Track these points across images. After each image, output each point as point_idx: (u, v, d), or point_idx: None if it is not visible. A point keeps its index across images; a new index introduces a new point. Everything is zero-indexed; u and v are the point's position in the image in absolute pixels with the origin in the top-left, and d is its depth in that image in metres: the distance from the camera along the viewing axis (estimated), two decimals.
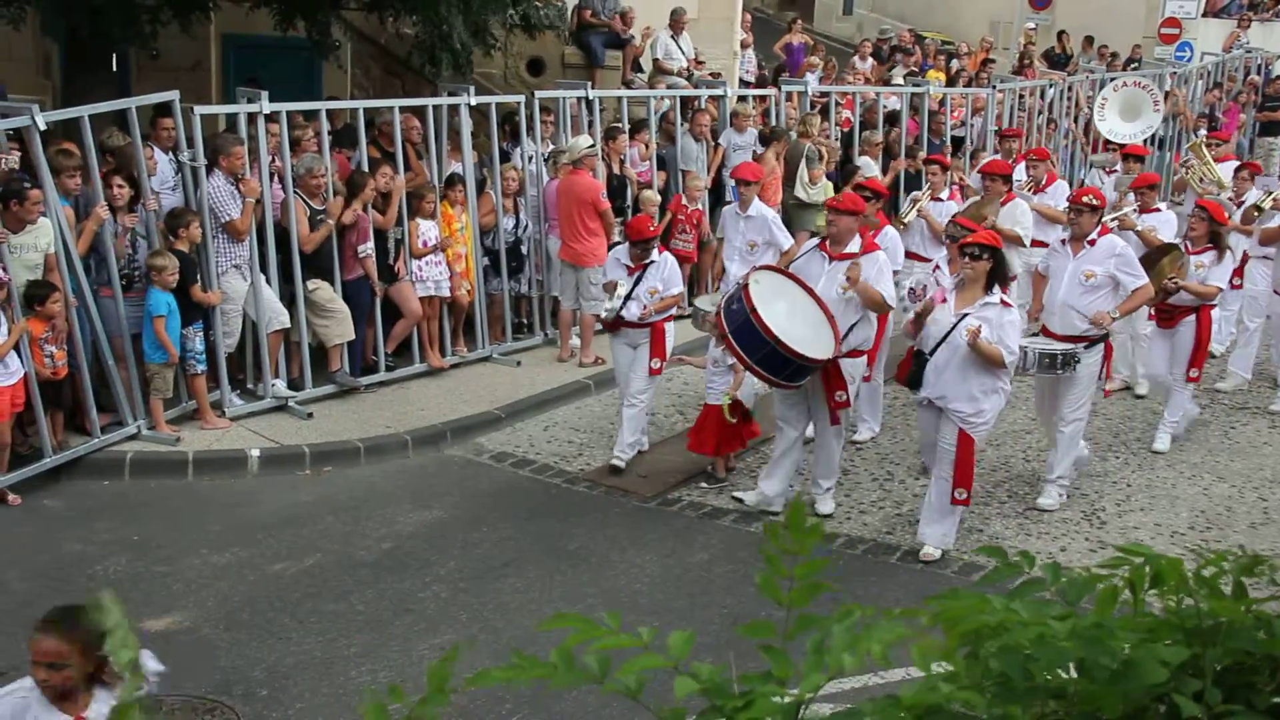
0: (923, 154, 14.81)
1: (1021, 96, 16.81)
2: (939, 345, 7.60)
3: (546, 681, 1.34)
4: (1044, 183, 12.12)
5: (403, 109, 10.96)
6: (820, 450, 8.52)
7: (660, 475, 9.18)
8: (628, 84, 15.28)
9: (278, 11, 11.99)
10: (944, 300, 7.69)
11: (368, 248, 10.21)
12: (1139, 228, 10.59)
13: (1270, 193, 12.13)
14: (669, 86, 14.90)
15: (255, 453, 9.15)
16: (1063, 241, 8.82)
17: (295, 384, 10.17)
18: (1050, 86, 17.61)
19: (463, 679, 1.43)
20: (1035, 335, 8.72)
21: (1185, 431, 10.27)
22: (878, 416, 10.21)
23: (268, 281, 9.83)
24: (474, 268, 11.29)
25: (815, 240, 8.68)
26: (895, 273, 9.13)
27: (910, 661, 1.40)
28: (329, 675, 6.38)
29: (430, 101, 11.11)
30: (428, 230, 10.72)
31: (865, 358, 8.59)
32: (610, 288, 9.20)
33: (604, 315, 9.34)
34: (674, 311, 9.49)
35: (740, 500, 8.65)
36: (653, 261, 9.15)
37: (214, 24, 14.33)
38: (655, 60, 16.15)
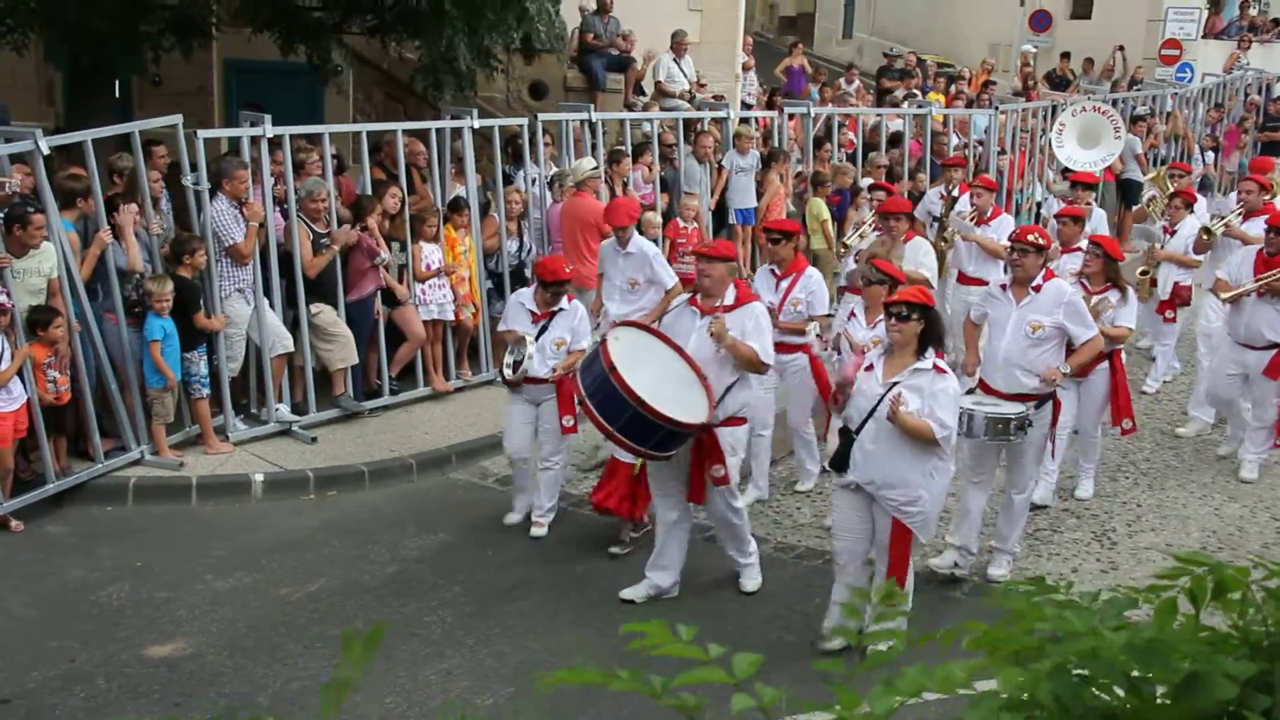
0: (923, 175, 14.86)
1: (1023, 118, 16.81)
2: (866, 419, 6.52)
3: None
4: (989, 215, 11.35)
5: (406, 132, 10.95)
6: (718, 526, 7.62)
7: None
8: (629, 107, 15.29)
9: (280, 37, 12.00)
10: (867, 367, 6.66)
11: (384, 257, 10.16)
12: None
13: (1221, 216, 11.52)
14: (669, 109, 14.91)
15: (259, 477, 9.10)
16: (1003, 287, 7.87)
17: (299, 408, 10.12)
18: (1055, 107, 17.60)
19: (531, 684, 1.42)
20: (972, 392, 7.73)
21: (1193, 450, 10.21)
22: (818, 459, 9.17)
23: (271, 305, 9.79)
24: (478, 290, 11.26)
25: (685, 295, 7.69)
26: (828, 316, 8.69)
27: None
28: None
29: (433, 125, 11.10)
30: (431, 253, 10.70)
31: (747, 426, 7.54)
32: (512, 337, 8.25)
33: (506, 374, 8.24)
34: None
35: (631, 601, 7.42)
36: (561, 309, 8.26)
37: (216, 49, 14.38)
38: (657, 83, 16.16)
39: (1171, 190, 11.96)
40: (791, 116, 14.53)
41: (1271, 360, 9.30)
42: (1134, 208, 15.53)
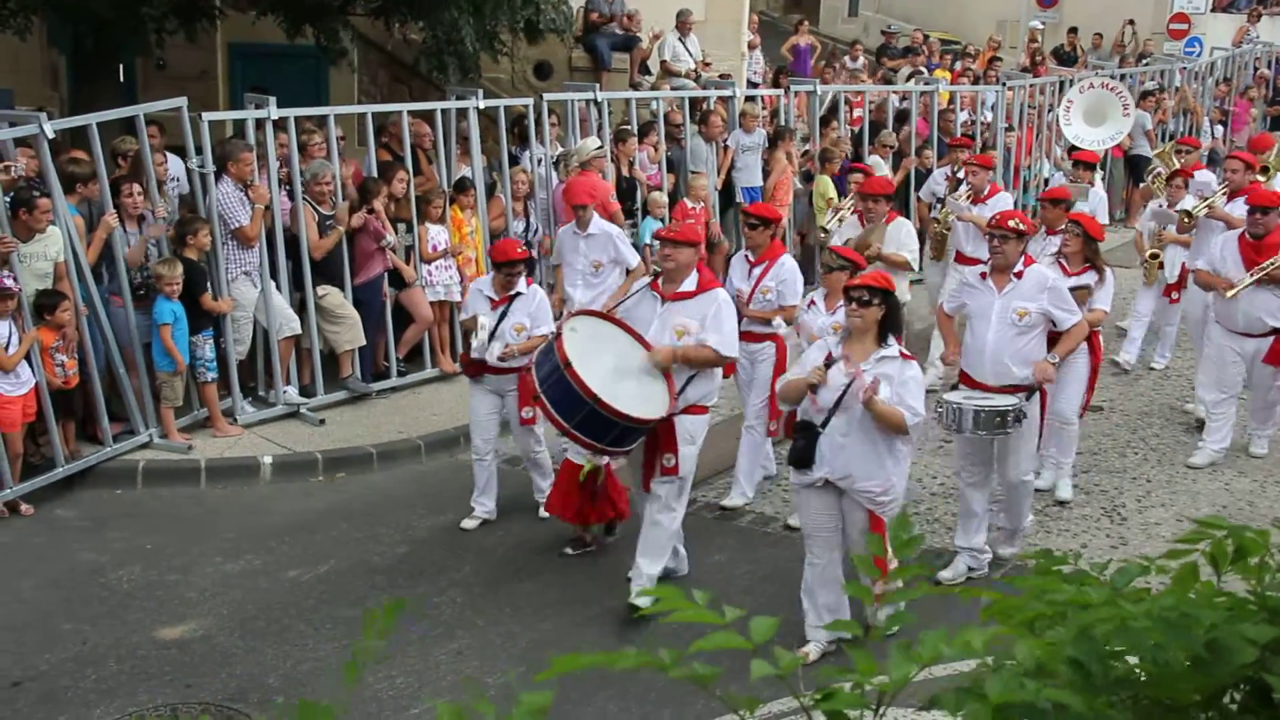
0: (929, 152, 14.78)
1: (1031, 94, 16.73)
2: (833, 413, 6.24)
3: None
4: (985, 194, 10.80)
5: (411, 113, 10.92)
6: (645, 526, 7.05)
7: None
8: (635, 86, 15.22)
9: (285, 19, 11.96)
10: (826, 356, 6.33)
11: (390, 239, 10.14)
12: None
13: (1204, 197, 10.77)
14: (675, 89, 14.85)
15: (268, 460, 9.10)
16: (982, 275, 7.50)
17: (307, 391, 10.12)
18: (1063, 83, 17.50)
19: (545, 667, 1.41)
20: (956, 387, 7.46)
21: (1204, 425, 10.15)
22: (754, 480, 8.64)
23: (278, 288, 9.78)
24: (484, 271, 11.22)
25: (647, 279, 7.40)
26: (793, 307, 8.21)
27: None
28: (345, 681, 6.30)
29: (438, 105, 11.06)
30: (438, 235, 10.67)
31: (708, 415, 7.17)
32: (472, 324, 8.09)
33: (474, 354, 8.07)
34: None
35: (636, 607, 6.73)
36: (519, 293, 8.01)
37: (220, 33, 14.33)
38: (663, 62, 16.09)
39: (1177, 166, 11.57)
40: (797, 95, 14.45)
41: (1272, 346, 9.01)
42: (1140, 185, 15.46)
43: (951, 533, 7.85)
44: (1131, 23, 24.06)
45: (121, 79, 12.84)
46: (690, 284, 6.96)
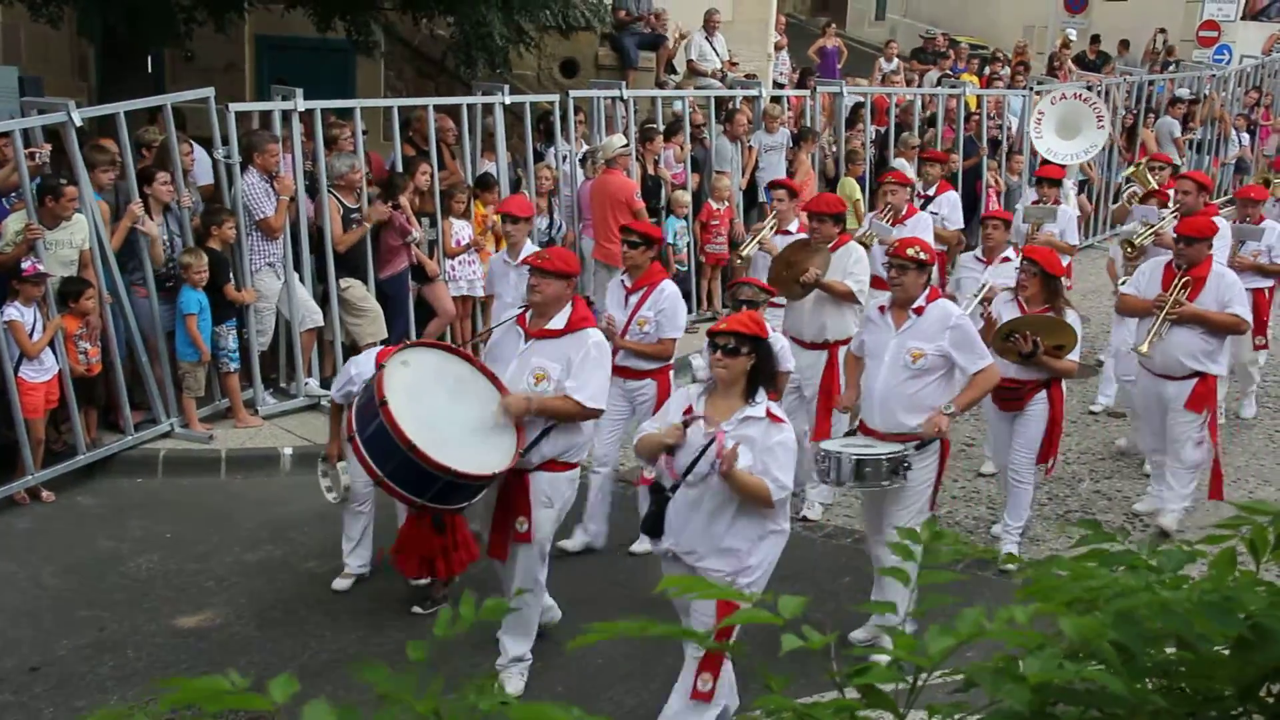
0: (955, 156, 14.71)
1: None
2: (686, 474, 5.35)
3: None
4: (903, 214, 9.80)
5: (437, 108, 10.93)
6: (506, 595, 5.97)
7: None
8: (661, 85, 15.21)
9: (315, 12, 11.99)
10: (685, 410, 5.44)
11: (415, 235, 10.13)
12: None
13: (1148, 224, 9.64)
14: (701, 88, 14.83)
15: (288, 451, 9.12)
16: (881, 309, 6.68)
17: (328, 383, 10.11)
18: (1088, 89, 17.41)
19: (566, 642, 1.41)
20: (852, 434, 6.71)
21: (1226, 436, 10.05)
22: (603, 520, 7.74)
23: (301, 280, 9.80)
24: None
25: (514, 312, 6.40)
26: (673, 340, 7.46)
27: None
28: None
29: (465, 100, 11.07)
30: (461, 229, 10.67)
31: (575, 472, 6.21)
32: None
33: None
34: None
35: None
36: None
37: (248, 25, 14.38)
38: (689, 61, 16.08)
39: (1153, 185, 10.83)
40: (823, 96, 14.41)
41: (1194, 390, 7.83)
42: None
43: (974, 536, 7.79)
44: (1162, 31, 23.92)
45: (149, 70, 12.89)
46: (559, 321, 6.01)
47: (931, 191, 11.31)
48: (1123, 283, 8.95)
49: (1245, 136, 19.80)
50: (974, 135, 15.28)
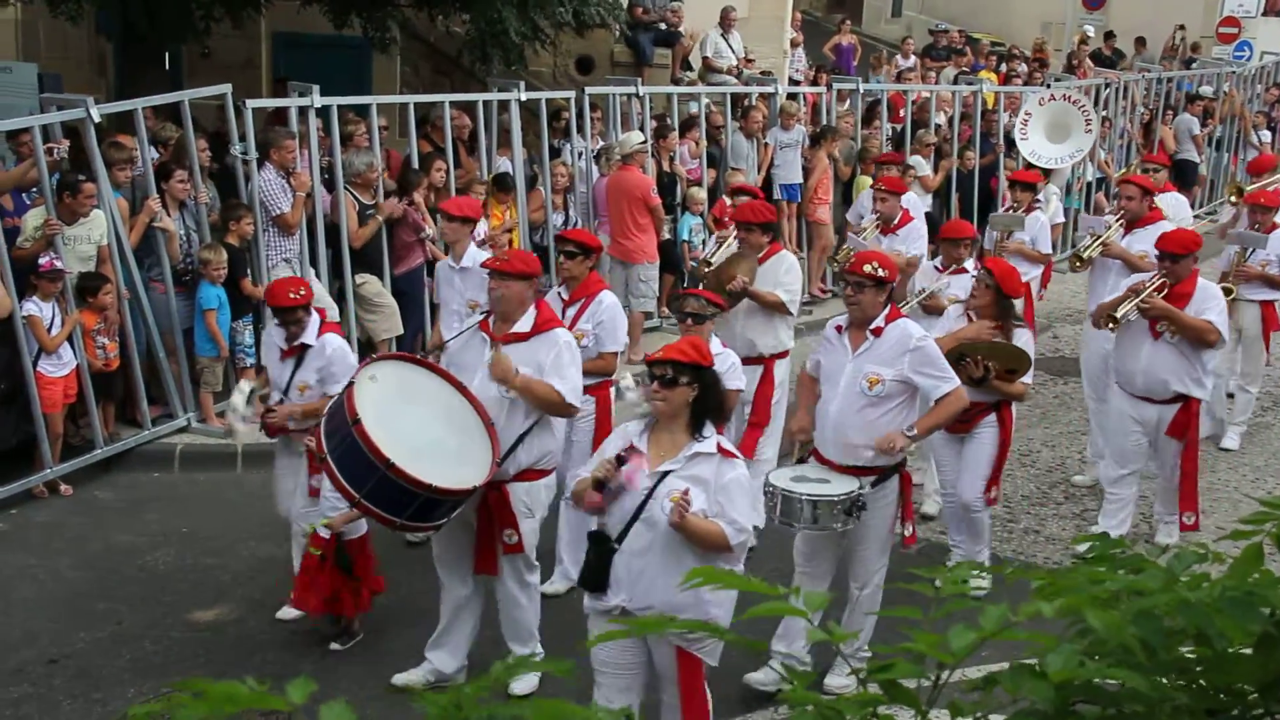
0: (971, 154, 14.64)
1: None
2: (631, 524, 4.87)
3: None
4: (896, 223, 9.53)
5: (452, 105, 10.94)
6: (502, 608, 6.15)
7: None
8: (676, 82, 15.21)
9: (332, 8, 12.02)
10: (627, 447, 4.90)
11: (429, 231, 10.14)
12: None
13: (1095, 234, 8.78)
14: (716, 85, 14.82)
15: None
16: (839, 328, 6.14)
17: None
18: (1106, 86, 17.35)
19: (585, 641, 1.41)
20: (803, 461, 6.17)
21: (1245, 435, 9.99)
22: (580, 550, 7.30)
23: (317, 276, 9.82)
24: None
25: (477, 317, 6.22)
26: (614, 354, 7.11)
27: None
28: (377, 668, 6.33)
29: (480, 97, 11.08)
30: (477, 226, 10.67)
31: (551, 478, 6.08)
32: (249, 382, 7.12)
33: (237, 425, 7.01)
34: None
35: (398, 688, 6.05)
36: (308, 346, 6.49)
37: (265, 22, 14.42)
38: (705, 58, 16.07)
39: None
40: (839, 92, 14.38)
41: (1176, 416, 7.39)
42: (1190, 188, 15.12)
43: (1005, 545, 7.70)
44: (1182, 27, 23.81)
45: (167, 67, 12.94)
46: (525, 324, 5.88)
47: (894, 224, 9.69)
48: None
49: (1266, 134, 19.67)
50: (989, 132, 15.21)
